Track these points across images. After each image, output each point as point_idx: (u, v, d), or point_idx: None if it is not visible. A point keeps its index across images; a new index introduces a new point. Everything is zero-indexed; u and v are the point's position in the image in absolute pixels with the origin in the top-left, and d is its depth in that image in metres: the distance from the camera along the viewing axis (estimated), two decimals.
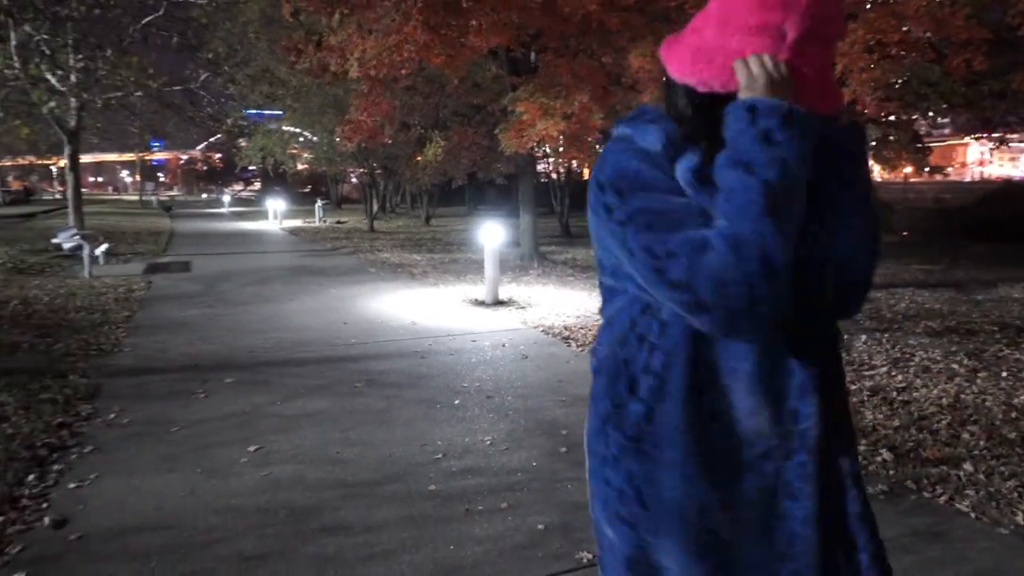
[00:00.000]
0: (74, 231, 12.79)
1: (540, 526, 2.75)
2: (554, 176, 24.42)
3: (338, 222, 27.79)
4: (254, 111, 25.18)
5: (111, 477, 3.16)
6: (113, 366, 5.22)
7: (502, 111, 10.45)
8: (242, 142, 24.94)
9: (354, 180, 25.41)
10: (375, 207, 26.73)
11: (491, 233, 8.56)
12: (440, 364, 5.36)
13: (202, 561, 2.46)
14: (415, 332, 6.55)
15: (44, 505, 2.88)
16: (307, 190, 52.88)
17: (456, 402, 4.37)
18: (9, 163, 45.89)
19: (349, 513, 2.84)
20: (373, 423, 3.96)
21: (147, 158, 71.89)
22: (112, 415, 4.05)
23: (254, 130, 23.51)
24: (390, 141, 12.53)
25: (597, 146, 11.02)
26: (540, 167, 27.07)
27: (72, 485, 3.08)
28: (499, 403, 4.36)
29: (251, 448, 3.54)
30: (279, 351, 5.79)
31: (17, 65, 12.02)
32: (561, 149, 10.87)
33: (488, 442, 3.68)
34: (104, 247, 11.79)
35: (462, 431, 3.84)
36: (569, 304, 8.46)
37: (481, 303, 8.40)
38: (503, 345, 6.06)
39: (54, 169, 58.83)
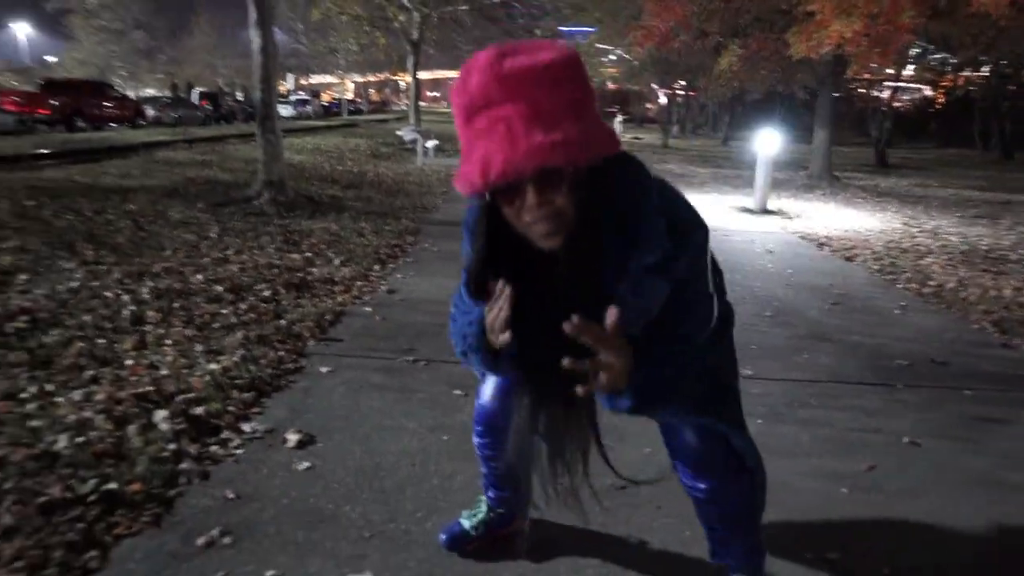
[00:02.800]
0: (413, 128, 15.56)
1: None
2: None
3: (635, 138, 28.38)
4: (566, 28, 26.43)
5: (421, 276, 4.50)
6: (430, 218, 6.85)
7: (806, 14, 9.76)
8: None
9: (662, 99, 25.41)
10: (675, 127, 26.62)
11: (766, 142, 8.43)
12: None
13: None
14: None
15: (382, 282, 4.30)
16: (613, 109, 54.08)
17: None
18: (372, 79, 55.60)
19: None
20: None
21: None
22: (426, 245, 5.53)
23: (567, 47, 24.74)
24: (678, 46, 12.48)
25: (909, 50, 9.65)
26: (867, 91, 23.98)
27: (399, 276, 4.49)
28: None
29: None
30: None
31: None
32: (856, 57, 9.64)
33: None
34: (433, 143, 14.23)
35: None
36: (843, 219, 8.09)
37: (748, 210, 8.46)
38: (752, 241, 6.27)
39: (402, 84, 69.30)
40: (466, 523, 1.74)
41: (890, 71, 18.27)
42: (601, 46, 24.65)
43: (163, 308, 3.41)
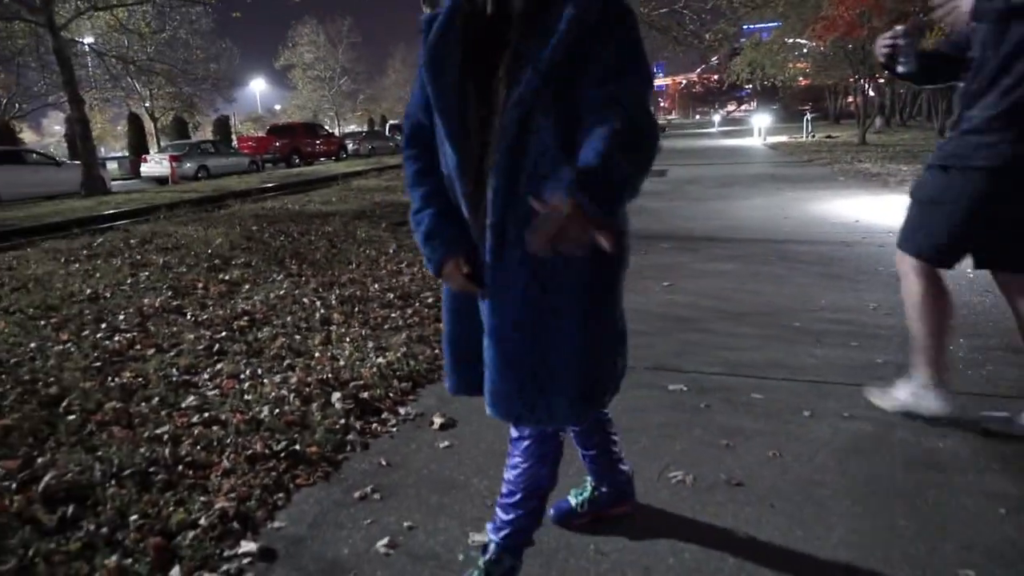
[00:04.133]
0: None
1: (879, 360, 3.06)
2: None
3: (828, 136, 26.30)
4: (748, 26, 25.26)
5: None
6: None
7: None
8: (738, 60, 25.47)
9: (869, 91, 23.21)
10: (877, 120, 24.17)
11: None
12: (862, 253, 5.43)
13: None
14: (853, 228, 6.55)
15: None
16: (807, 107, 50.44)
17: (859, 278, 4.56)
18: None
19: (716, 325, 3.66)
20: (768, 282, 4.57)
21: None
22: None
23: (746, 45, 23.68)
24: (867, 33, 11.40)
25: None
26: None
27: None
28: None
29: (665, 283, 4.63)
30: (714, 232, 6.71)
31: None
32: None
33: (872, 307, 3.90)
34: None
35: (851, 297, 4.13)
36: None
37: None
38: None
39: None
40: (573, 500, 1.92)
41: None
42: (789, 40, 23.19)
43: (346, 312, 4.01)
